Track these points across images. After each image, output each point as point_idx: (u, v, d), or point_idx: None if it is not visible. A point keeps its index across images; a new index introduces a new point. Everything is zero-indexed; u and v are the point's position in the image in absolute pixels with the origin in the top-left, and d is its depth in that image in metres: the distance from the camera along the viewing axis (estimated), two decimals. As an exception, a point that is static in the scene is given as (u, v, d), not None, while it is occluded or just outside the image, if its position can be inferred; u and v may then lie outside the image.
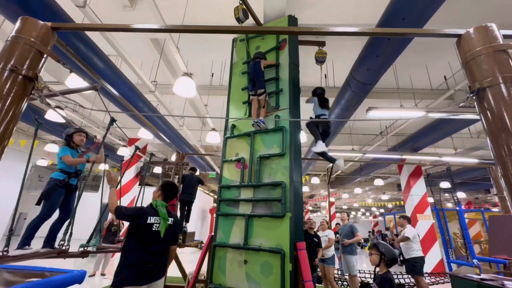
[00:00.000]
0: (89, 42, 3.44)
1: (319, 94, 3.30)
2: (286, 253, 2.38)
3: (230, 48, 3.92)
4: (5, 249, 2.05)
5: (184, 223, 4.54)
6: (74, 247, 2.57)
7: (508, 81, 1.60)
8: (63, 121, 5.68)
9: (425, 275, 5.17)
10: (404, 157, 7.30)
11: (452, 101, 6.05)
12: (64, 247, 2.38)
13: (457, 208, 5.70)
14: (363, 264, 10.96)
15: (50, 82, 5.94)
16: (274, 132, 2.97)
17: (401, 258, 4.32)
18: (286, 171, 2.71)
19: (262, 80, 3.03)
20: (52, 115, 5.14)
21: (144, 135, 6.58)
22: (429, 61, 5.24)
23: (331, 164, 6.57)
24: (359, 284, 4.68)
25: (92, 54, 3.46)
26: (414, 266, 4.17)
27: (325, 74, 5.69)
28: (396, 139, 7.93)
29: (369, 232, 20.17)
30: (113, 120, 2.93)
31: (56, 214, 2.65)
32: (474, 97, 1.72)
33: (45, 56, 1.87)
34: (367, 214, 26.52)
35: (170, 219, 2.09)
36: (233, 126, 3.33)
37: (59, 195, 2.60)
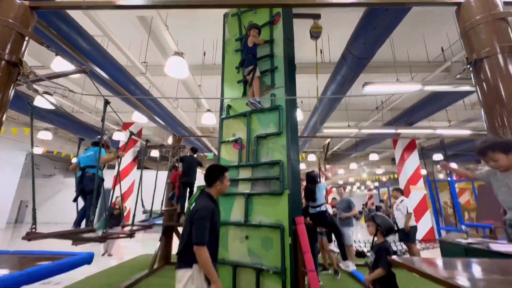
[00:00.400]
0: (72, 22, 3.24)
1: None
2: (285, 228, 2.47)
3: (222, 24, 3.75)
4: (33, 226, 2.13)
5: (187, 204, 4.65)
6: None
7: (505, 51, 1.58)
8: (53, 107, 5.54)
9: (416, 242, 5.49)
10: (399, 131, 7.39)
11: (448, 74, 6.00)
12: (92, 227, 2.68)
13: (449, 179, 5.90)
14: (358, 235, 11.54)
15: (34, 67, 5.69)
16: (270, 111, 2.94)
17: (396, 228, 4.56)
18: (284, 149, 2.73)
19: (250, 57, 2.92)
20: (41, 102, 4.98)
21: (138, 118, 6.49)
22: (427, 32, 5.11)
23: (327, 141, 6.64)
24: (354, 253, 4.96)
25: (76, 35, 3.28)
26: (407, 234, 4.40)
27: (321, 49, 5.54)
28: (392, 113, 7.96)
29: (363, 205, 20.95)
30: (107, 102, 2.87)
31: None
32: (470, 69, 1.71)
33: (26, 38, 1.78)
34: (362, 187, 27.35)
35: (193, 204, 1.83)
36: (229, 107, 3.29)
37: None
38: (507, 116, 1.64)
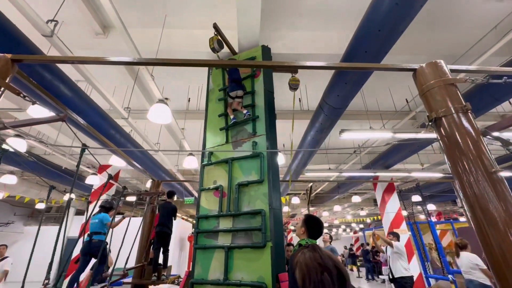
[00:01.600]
0: (55, 70, 3.29)
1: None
2: (268, 287, 2.27)
3: (206, 72, 3.98)
4: None
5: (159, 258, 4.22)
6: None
7: (459, 111, 1.77)
8: (24, 150, 5.22)
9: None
10: (377, 174, 7.64)
11: (415, 121, 6.57)
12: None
13: (429, 221, 5.95)
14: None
15: (11, 110, 5.52)
16: (252, 158, 2.96)
17: (390, 277, 4.24)
18: (265, 198, 2.68)
19: (241, 84, 3.21)
20: (12, 143, 4.70)
21: (116, 162, 6.24)
22: (392, 85, 5.72)
23: (310, 184, 6.68)
24: None
25: (58, 82, 3.29)
26: (404, 286, 4.09)
27: (300, 98, 5.94)
28: (369, 157, 8.34)
29: (347, 248, 19.94)
30: (84, 149, 2.76)
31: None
32: (432, 125, 1.88)
33: (2, 89, 1.75)
34: (348, 230, 26.82)
35: None
36: (211, 153, 3.28)
37: None
38: (467, 164, 1.78)
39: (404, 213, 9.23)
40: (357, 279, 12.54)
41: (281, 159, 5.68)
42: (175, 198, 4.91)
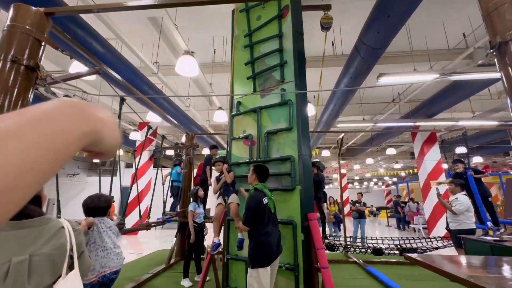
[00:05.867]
0: (86, 26, 3.36)
1: None
2: (297, 224, 2.45)
3: (230, 21, 3.74)
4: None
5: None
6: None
7: (534, 32, 1.44)
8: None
9: (437, 239, 5.24)
10: (417, 124, 7.06)
11: (471, 61, 5.64)
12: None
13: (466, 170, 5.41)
14: (376, 231, 11.27)
15: (53, 72, 5.97)
16: (280, 106, 2.91)
17: (447, 228, 4.12)
18: (294, 145, 2.69)
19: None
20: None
21: (153, 118, 6.65)
22: (446, 17, 4.81)
23: (341, 136, 6.49)
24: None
25: (91, 39, 3.40)
26: (457, 238, 3.85)
27: (332, 41, 5.39)
28: (409, 105, 7.63)
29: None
30: (123, 100, 2.98)
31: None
32: (494, 53, 1.58)
33: (43, 44, 1.85)
34: (380, 183, 26.58)
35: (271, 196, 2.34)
36: (239, 103, 3.28)
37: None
38: (537, 103, 1.51)
39: (445, 165, 8.71)
40: (386, 228, 12.88)
41: (311, 110, 5.49)
42: (214, 151, 5.27)
